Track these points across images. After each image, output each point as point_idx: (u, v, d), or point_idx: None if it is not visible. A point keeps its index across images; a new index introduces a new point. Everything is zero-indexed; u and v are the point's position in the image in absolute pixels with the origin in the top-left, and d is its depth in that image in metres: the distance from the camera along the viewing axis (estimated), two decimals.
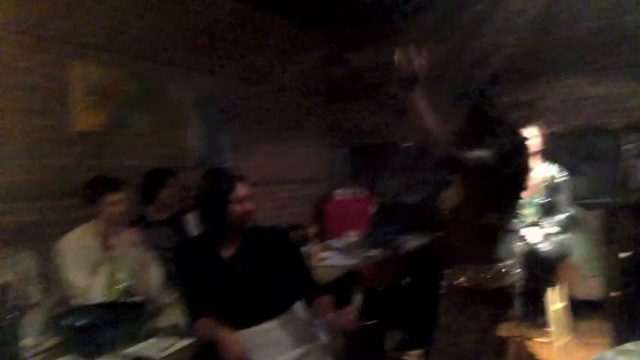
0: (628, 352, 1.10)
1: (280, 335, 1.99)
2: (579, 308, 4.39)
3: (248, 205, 2.08)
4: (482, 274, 2.00)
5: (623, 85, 4.64)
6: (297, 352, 2.00)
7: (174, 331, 2.05)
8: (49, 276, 2.61)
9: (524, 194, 2.17)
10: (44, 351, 1.87)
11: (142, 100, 3.88)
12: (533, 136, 3.25)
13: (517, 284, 2.08)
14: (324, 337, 2.12)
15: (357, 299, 2.20)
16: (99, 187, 2.63)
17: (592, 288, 4.49)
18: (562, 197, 3.42)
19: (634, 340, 1.90)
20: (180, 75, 4.26)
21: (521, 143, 2.05)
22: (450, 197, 2.16)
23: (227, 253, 2.11)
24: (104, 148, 3.61)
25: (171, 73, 4.17)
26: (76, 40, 3.44)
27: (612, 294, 3.11)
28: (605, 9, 4.70)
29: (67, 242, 2.52)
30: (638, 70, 4.56)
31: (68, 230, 2.70)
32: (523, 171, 2.07)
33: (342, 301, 2.19)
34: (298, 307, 2.10)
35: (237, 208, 2.05)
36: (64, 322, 1.92)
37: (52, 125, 3.29)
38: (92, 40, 3.55)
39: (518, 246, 3.09)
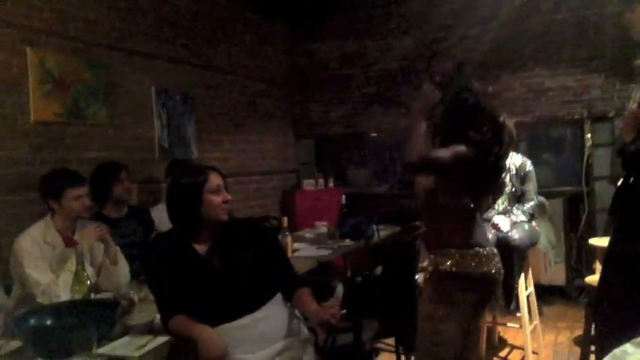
0: None
1: (260, 329, 1.92)
2: (543, 293, 4.52)
3: (224, 195, 2.01)
4: (468, 259, 1.99)
5: (583, 77, 4.77)
6: (278, 345, 1.94)
7: (148, 329, 1.96)
8: (8, 274, 2.47)
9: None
10: (8, 354, 1.75)
11: (100, 89, 3.71)
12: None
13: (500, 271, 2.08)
14: (304, 330, 2.07)
15: (339, 290, 2.15)
16: (61, 180, 2.48)
17: (555, 273, 4.63)
18: (530, 186, 3.47)
19: (613, 326, 1.94)
20: (141, 64, 4.09)
21: (501, 129, 2.04)
22: (425, 180, 2.14)
23: (202, 247, 2.03)
24: (62, 140, 3.43)
25: (131, 62, 4.01)
26: (31, 25, 3.24)
27: (587, 280, 3.18)
28: (566, 3, 4.81)
29: (28, 238, 2.37)
30: (597, 63, 4.69)
31: (25, 226, 2.55)
32: (503, 157, 2.07)
33: (318, 293, 2.15)
34: (278, 299, 2.04)
35: (213, 198, 1.97)
36: (30, 323, 1.79)
37: (8, 115, 3.10)
38: (48, 26, 3.35)
39: (491, 234, 3.13)
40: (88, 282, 2.14)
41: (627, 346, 1.08)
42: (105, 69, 3.75)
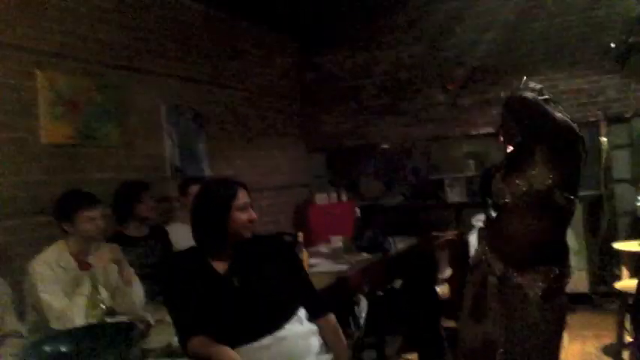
0: None
1: (282, 349, 1.86)
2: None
3: (250, 214, 1.96)
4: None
5: (597, 78, 4.69)
6: None
7: (166, 352, 1.91)
8: (23, 300, 2.43)
9: None
10: None
11: (111, 109, 3.70)
12: None
13: None
14: (325, 349, 2.00)
15: (363, 306, 2.09)
16: (74, 202, 2.44)
17: (578, 280, 4.51)
18: None
19: None
20: (151, 82, 4.09)
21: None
22: (535, 177, 2.07)
23: (221, 266, 1.96)
24: (74, 162, 3.42)
25: (141, 81, 4.00)
26: (40, 48, 3.25)
27: (617, 286, 3.08)
28: (576, 4, 4.76)
29: (42, 262, 2.33)
30: (610, 63, 4.61)
31: (40, 250, 2.51)
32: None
33: (338, 307, 2.09)
34: (300, 317, 1.97)
35: (239, 215, 1.92)
36: (46, 349, 1.74)
37: (19, 138, 3.09)
38: (58, 48, 3.36)
39: None
40: (103, 305, 2.10)
41: None
42: (115, 89, 3.74)
